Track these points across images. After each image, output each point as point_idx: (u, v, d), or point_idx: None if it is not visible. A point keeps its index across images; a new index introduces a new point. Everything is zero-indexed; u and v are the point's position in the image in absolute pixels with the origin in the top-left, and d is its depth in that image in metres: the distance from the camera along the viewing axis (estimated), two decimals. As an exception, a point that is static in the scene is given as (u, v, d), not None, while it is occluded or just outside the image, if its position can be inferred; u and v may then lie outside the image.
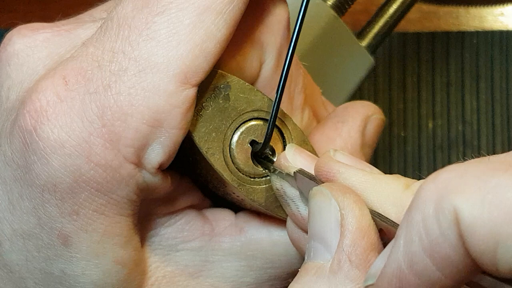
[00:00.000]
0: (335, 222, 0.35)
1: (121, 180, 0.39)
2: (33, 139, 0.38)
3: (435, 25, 0.78)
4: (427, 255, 0.30)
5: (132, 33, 0.39)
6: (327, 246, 0.35)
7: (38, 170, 0.38)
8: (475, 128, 0.76)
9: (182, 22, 0.39)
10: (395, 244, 0.31)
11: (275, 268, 0.44)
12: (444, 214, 0.29)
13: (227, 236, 0.43)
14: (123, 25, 0.39)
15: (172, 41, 0.38)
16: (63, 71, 0.39)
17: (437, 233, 0.29)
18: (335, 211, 0.35)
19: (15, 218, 0.40)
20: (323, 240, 0.35)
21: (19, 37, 0.42)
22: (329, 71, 0.61)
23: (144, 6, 0.39)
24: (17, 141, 0.39)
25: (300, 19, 0.41)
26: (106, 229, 0.39)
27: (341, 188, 0.36)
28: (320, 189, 0.36)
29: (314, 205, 0.36)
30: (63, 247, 0.39)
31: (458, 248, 0.29)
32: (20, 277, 0.41)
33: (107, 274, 0.40)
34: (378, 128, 0.47)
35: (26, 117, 0.38)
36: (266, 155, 0.42)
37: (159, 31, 0.39)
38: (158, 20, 0.39)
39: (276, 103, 0.41)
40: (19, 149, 0.39)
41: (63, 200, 0.39)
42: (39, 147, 0.38)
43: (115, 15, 0.40)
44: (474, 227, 0.28)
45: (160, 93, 0.38)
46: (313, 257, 0.36)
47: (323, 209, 0.36)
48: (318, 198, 0.36)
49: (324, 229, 0.35)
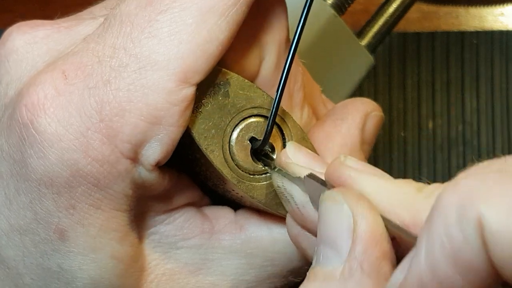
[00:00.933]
0: (347, 228, 0.34)
1: (117, 175, 0.39)
2: (29, 133, 0.38)
3: (435, 25, 0.78)
4: (450, 263, 0.29)
5: (135, 30, 0.39)
6: (337, 252, 0.34)
7: (35, 164, 0.38)
8: (475, 128, 0.76)
9: (184, 22, 0.39)
10: (417, 252, 0.30)
11: (275, 266, 0.43)
12: (468, 221, 0.28)
13: (227, 233, 0.43)
14: (126, 22, 0.39)
15: (174, 40, 0.38)
16: (63, 66, 0.39)
17: (460, 240, 0.28)
18: (347, 217, 0.34)
19: (12, 213, 0.40)
20: (334, 245, 0.35)
21: (18, 33, 0.42)
22: (329, 70, 0.61)
23: (148, 4, 0.39)
24: (13, 135, 0.39)
25: (303, 19, 0.41)
26: (102, 224, 0.39)
27: (354, 194, 0.35)
28: (332, 193, 0.36)
29: (325, 209, 0.36)
30: (59, 242, 0.39)
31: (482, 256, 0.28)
32: (17, 273, 0.40)
33: (104, 269, 0.40)
34: (377, 125, 0.47)
35: (23, 110, 0.38)
36: (266, 152, 0.42)
37: (161, 29, 0.39)
38: (161, 19, 0.39)
39: (277, 100, 0.41)
40: (15, 143, 0.39)
41: (59, 194, 0.39)
42: (36, 140, 0.38)
43: (118, 12, 0.40)
44: (499, 234, 0.27)
45: (159, 91, 0.38)
46: (322, 262, 0.35)
47: (335, 214, 0.35)
48: (329, 202, 0.35)
49: (335, 234, 0.35)
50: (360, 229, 0.34)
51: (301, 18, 0.41)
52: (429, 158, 0.76)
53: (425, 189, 0.35)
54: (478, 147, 0.76)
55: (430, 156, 0.76)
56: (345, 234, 0.34)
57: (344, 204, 0.35)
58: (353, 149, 0.45)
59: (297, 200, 0.40)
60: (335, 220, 0.35)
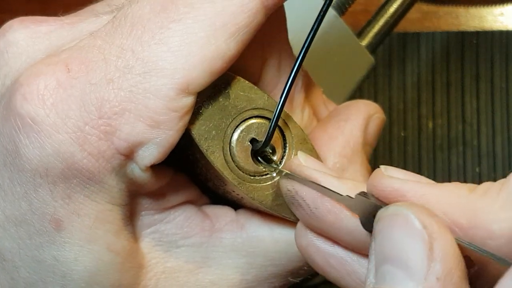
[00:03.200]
0: (421, 247, 0.32)
1: (111, 170, 0.39)
2: (25, 122, 0.38)
3: (435, 25, 0.78)
4: None
5: (145, 34, 0.39)
6: (409, 272, 0.32)
7: (30, 154, 0.38)
8: (475, 128, 0.76)
9: (196, 34, 0.39)
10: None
11: (275, 266, 0.43)
12: None
13: (228, 232, 0.43)
14: (137, 24, 0.39)
15: (183, 50, 0.39)
16: (67, 59, 0.39)
17: None
18: (421, 235, 0.32)
19: (7, 204, 0.40)
20: (403, 265, 0.32)
21: (20, 26, 0.42)
22: (329, 70, 0.61)
23: (162, 11, 0.39)
24: (8, 124, 0.39)
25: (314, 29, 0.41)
26: (98, 215, 0.39)
27: (423, 209, 0.33)
28: (397, 209, 0.34)
29: (389, 226, 0.34)
30: (55, 233, 0.39)
31: None
32: (13, 266, 0.40)
33: (100, 261, 0.40)
34: (379, 127, 0.47)
35: (20, 99, 0.38)
36: (266, 153, 0.42)
37: (172, 37, 0.39)
38: (173, 27, 0.39)
39: (281, 103, 0.41)
40: (8, 133, 0.39)
41: (55, 184, 0.39)
42: (32, 130, 0.38)
43: (130, 13, 0.40)
44: None
45: (160, 97, 0.38)
46: (391, 283, 0.33)
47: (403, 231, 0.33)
48: (394, 219, 0.33)
49: (406, 253, 0.32)
50: (439, 248, 0.32)
51: (313, 28, 0.41)
52: (429, 158, 0.76)
53: (477, 188, 0.34)
54: (478, 147, 0.76)
55: (430, 156, 0.76)
56: (419, 253, 0.32)
57: (415, 220, 0.33)
58: (355, 150, 0.45)
59: (309, 202, 0.39)
60: (404, 238, 0.33)
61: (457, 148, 0.76)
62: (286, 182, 0.40)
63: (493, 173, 0.76)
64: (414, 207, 0.33)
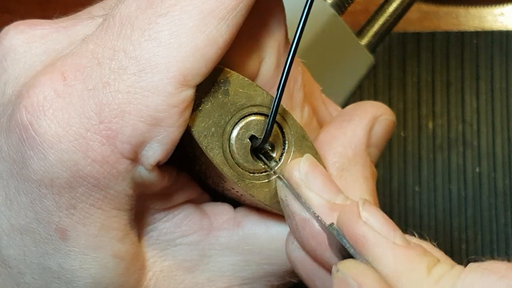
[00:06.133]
0: None
1: (117, 176, 0.39)
2: (29, 134, 0.38)
3: (435, 25, 0.78)
4: None
5: (135, 32, 0.39)
6: None
7: (35, 165, 0.38)
8: (475, 128, 0.76)
9: (185, 25, 0.39)
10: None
11: (271, 264, 0.43)
12: None
13: (225, 230, 0.43)
14: (126, 24, 0.39)
15: (173, 43, 0.38)
16: (62, 67, 0.39)
17: None
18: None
19: (12, 213, 0.40)
20: None
21: (16, 32, 0.42)
22: (329, 69, 0.61)
23: (148, 7, 0.39)
24: (13, 136, 0.39)
25: (303, 19, 0.41)
26: (103, 223, 0.39)
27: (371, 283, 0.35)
28: (345, 275, 0.36)
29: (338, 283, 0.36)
30: (60, 241, 0.39)
31: None
32: (18, 272, 0.40)
33: (105, 268, 0.40)
34: (387, 129, 0.46)
35: (23, 111, 0.38)
36: (266, 150, 0.42)
37: (161, 32, 0.38)
38: (161, 21, 0.39)
39: (277, 99, 0.41)
40: (15, 144, 0.39)
41: (60, 195, 0.39)
42: (35, 142, 0.38)
43: (118, 14, 0.40)
44: None
45: (158, 93, 0.38)
46: None
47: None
48: (342, 284, 0.36)
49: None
50: None
51: (301, 18, 0.40)
52: (429, 158, 0.76)
53: (433, 272, 0.36)
54: (478, 147, 0.76)
55: (430, 156, 0.76)
56: None
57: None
58: (357, 151, 0.44)
59: (297, 220, 0.40)
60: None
61: (457, 148, 0.76)
62: (281, 189, 0.41)
63: (493, 173, 0.76)
64: (362, 277, 0.35)
